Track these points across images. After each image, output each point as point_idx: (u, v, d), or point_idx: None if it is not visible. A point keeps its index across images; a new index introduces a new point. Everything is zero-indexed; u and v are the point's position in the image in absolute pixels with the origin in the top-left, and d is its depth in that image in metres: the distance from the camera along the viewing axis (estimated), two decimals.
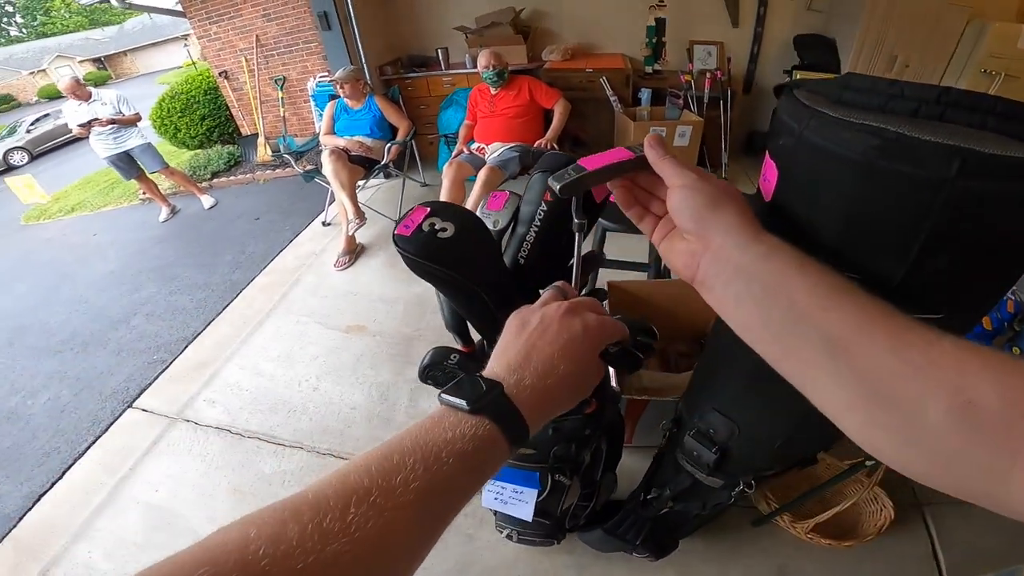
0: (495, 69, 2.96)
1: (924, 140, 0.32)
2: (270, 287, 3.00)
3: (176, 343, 2.67)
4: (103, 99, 3.87)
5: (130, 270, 3.65)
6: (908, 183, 0.34)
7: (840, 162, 0.36)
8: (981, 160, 0.31)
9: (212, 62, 4.82)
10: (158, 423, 2.14)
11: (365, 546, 0.26)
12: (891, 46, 3.18)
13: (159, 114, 5.32)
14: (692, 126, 3.15)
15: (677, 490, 0.87)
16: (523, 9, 3.86)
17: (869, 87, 0.37)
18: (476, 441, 0.33)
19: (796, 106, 0.40)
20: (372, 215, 3.26)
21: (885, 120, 0.34)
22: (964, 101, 0.34)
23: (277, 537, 0.24)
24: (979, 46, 3.04)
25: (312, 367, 2.30)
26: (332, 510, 0.26)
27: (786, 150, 0.42)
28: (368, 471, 0.30)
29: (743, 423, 0.68)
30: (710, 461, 0.73)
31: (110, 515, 1.77)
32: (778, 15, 3.61)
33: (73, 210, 5.56)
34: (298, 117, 4.79)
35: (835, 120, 0.36)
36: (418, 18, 4.24)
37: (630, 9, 3.63)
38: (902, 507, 1.40)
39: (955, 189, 0.32)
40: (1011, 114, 0.32)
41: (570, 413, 0.84)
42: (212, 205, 4.47)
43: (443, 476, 0.31)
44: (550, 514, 0.90)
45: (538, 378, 0.38)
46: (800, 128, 0.39)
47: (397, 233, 0.53)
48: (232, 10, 4.38)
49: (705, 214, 0.37)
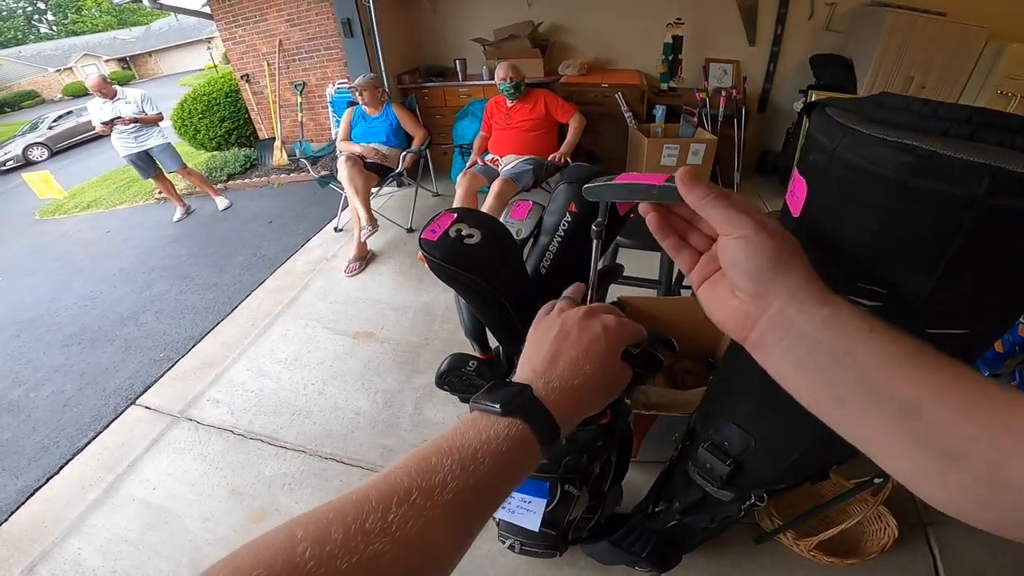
0: (512, 82, 2.99)
1: (956, 158, 0.32)
2: (280, 290, 3.02)
3: (184, 342, 2.69)
4: (127, 98, 3.95)
5: (142, 268, 3.69)
6: (939, 200, 0.34)
7: (873, 179, 0.37)
8: (1010, 178, 0.31)
9: (235, 65, 4.92)
10: (160, 421, 2.14)
11: (406, 545, 0.27)
12: (908, 67, 3.19)
13: (180, 115, 5.42)
14: (706, 144, 3.17)
15: (686, 503, 0.87)
16: (541, 23, 3.91)
17: (903, 106, 0.38)
18: (509, 442, 0.34)
19: (829, 123, 0.41)
20: (384, 223, 3.29)
21: (918, 138, 0.35)
22: (994, 121, 0.34)
23: (322, 538, 0.25)
24: (996, 67, 3.05)
25: (319, 371, 2.30)
26: (374, 511, 0.27)
27: (818, 166, 0.42)
28: (408, 472, 0.31)
29: (760, 436, 0.68)
30: (723, 473, 0.72)
31: (105, 512, 1.76)
32: (795, 35, 3.63)
33: (88, 207, 5.65)
34: (315, 122, 4.87)
35: (869, 137, 0.37)
36: (437, 28, 4.30)
37: (648, 26, 3.67)
38: (906, 526, 1.40)
39: (984, 207, 0.32)
40: None
41: (585, 423, 0.84)
42: (226, 207, 4.53)
43: (479, 476, 0.32)
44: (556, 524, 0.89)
45: (564, 380, 0.39)
46: (833, 145, 0.40)
47: (424, 237, 0.54)
48: (258, 14, 4.48)
49: (767, 276, 0.34)
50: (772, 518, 1.42)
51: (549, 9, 3.93)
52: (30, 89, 22.86)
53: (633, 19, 3.78)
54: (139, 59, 26.40)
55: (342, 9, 3.81)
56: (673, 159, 3.20)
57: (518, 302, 0.57)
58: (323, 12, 4.19)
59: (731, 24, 3.66)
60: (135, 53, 26.14)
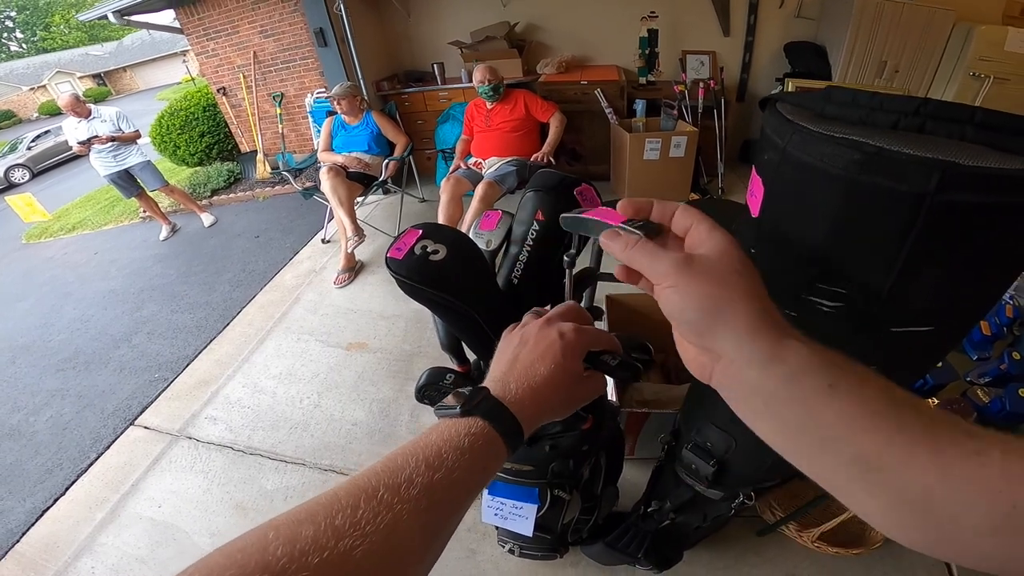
0: (491, 84, 2.98)
1: (904, 153, 0.32)
2: (271, 305, 3.00)
3: (178, 361, 2.68)
4: (102, 116, 3.89)
5: (131, 289, 3.67)
6: (889, 197, 0.34)
7: (823, 177, 0.36)
8: (961, 173, 0.31)
9: (210, 78, 4.87)
10: (160, 440, 2.14)
11: (376, 540, 0.28)
12: (880, 52, 3.22)
13: (158, 131, 5.36)
14: (687, 136, 3.17)
15: (678, 503, 0.87)
16: (517, 23, 3.89)
17: (850, 100, 0.37)
18: (471, 438, 0.36)
19: (780, 121, 0.40)
20: (371, 232, 3.27)
21: (866, 134, 0.34)
22: (944, 112, 0.34)
23: (294, 537, 0.26)
24: (966, 49, 3.07)
25: (313, 384, 2.30)
26: (343, 509, 0.28)
27: (771, 165, 0.42)
28: (375, 473, 0.32)
29: (740, 437, 0.68)
30: (708, 474, 0.72)
31: (114, 531, 1.78)
32: (768, 23, 3.65)
33: (74, 228, 5.60)
34: (296, 133, 4.82)
35: (817, 135, 0.36)
36: (413, 33, 4.28)
37: (622, 21, 3.67)
38: None
39: (936, 202, 0.32)
40: (991, 124, 0.32)
41: (567, 429, 0.84)
42: (212, 223, 4.49)
43: (444, 472, 0.33)
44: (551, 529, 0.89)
45: (520, 381, 0.41)
46: (784, 143, 0.39)
47: (390, 256, 0.53)
48: (229, 27, 4.43)
49: (706, 327, 0.31)
50: (773, 510, 1.42)
51: (524, 9, 3.92)
52: (6, 109, 22.47)
53: (607, 15, 3.78)
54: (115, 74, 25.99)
55: (314, 19, 3.79)
56: (656, 153, 3.20)
57: (489, 315, 0.57)
58: (296, 22, 4.16)
59: (705, 15, 3.68)
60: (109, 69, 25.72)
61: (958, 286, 0.38)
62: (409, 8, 4.09)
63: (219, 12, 4.37)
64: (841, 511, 1.25)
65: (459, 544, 1.52)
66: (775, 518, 1.36)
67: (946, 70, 3.22)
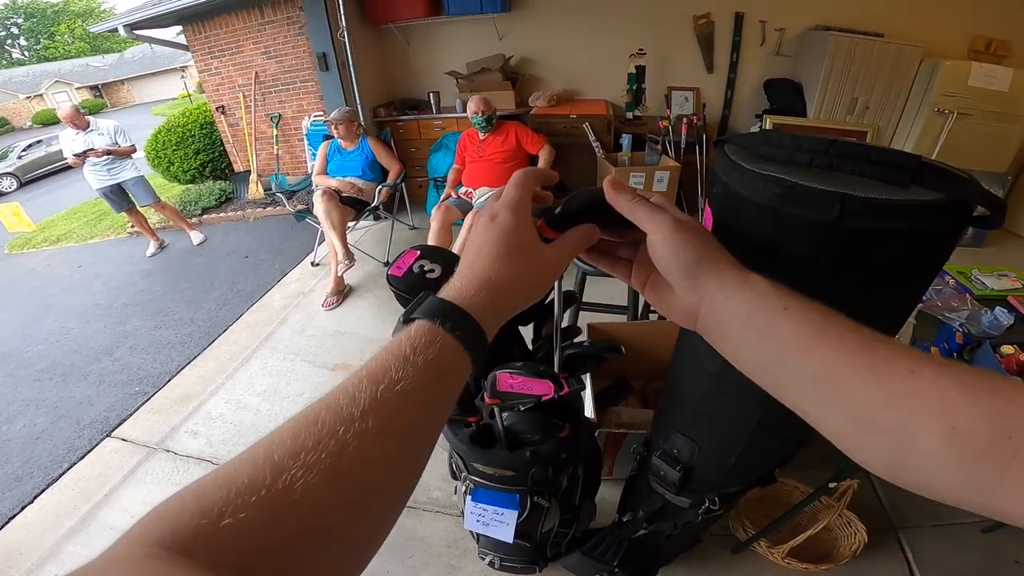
0: (484, 115, 3.08)
1: (813, 187, 0.39)
2: (257, 325, 3.01)
3: (159, 376, 2.66)
4: (100, 129, 3.92)
5: (115, 303, 3.65)
6: (804, 224, 0.41)
7: (754, 207, 0.43)
8: (857, 202, 0.38)
9: (210, 96, 4.95)
10: (137, 452, 2.13)
11: (322, 469, 0.26)
12: (852, 89, 3.35)
13: (154, 146, 5.40)
14: (670, 171, 3.30)
15: (650, 511, 0.92)
16: (512, 56, 4.04)
17: (778, 142, 0.45)
18: (414, 343, 0.33)
19: (724, 159, 0.48)
20: (361, 256, 3.31)
21: (787, 171, 0.42)
22: (846, 151, 0.41)
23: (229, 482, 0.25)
24: (932, 85, 3.18)
25: (297, 403, 2.30)
26: (283, 442, 0.27)
27: (718, 197, 0.49)
28: (320, 400, 0.30)
29: (701, 442, 0.74)
30: (675, 480, 0.78)
31: (82, 539, 1.76)
32: (750, 61, 3.81)
33: (59, 240, 5.55)
34: (291, 155, 4.89)
35: (749, 172, 0.44)
36: (411, 62, 4.39)
37: (612, 56, 3.81)
38: (878, 531, 1.46)
39: (839, 228, 0.39)
40: (883, 161, 0.39)
41: (545, 436, 0.89)
42: (201, 241, 4.49)
43: (387, 382, 0.30)
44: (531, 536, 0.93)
45: (464, 275, 0.38)
46: (726, 179, 0.47)
47: (390, 273, 0.59)
48: (234, 46, 4.53)
49: (694, 270, 0.38)
50: (745, 528, 1.47)
51: (520, 42, 4.07)
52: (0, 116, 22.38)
53: (599, 50, 3.93)
54: (112, 87, 26.01)
55: (318, 43, 3.89)
56: (640, 187, 3.32)
57: None
58: (299, 45, 4.26)
59: (690, 52, 3.85)
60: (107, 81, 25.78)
61: (867, 302, 0.45)
62: (409, 37, 4.23)
63: (225, 31, 4.48)
64: (809, 526, 1.31)
65: (439, 560, 1.53)
66: (747, 535, 1.41)
67: (913, 106, 3.35)
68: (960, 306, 1.54)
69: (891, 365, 0.30)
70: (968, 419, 0.27)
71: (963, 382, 0.28)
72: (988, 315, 1.48)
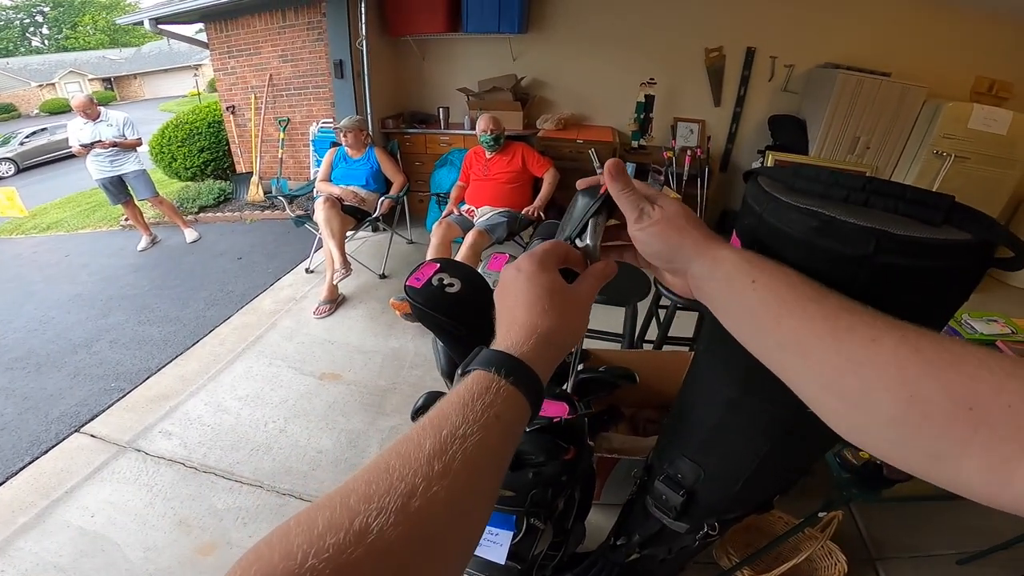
0: (493, 134, 3.09)
1: (849, 223, 0.40)
2: (245, 327, 2.97)
3: (138, 373, 2.60)
4: (109, 120, 3.91)
5: (100, 295, 3.58)
6: (838, 258, 0.41)
7: (789, 239, 0.43)
8: (893, 239, 0.38)
9: (222, 95, 4.98)
10: (105, 450, 2.07)
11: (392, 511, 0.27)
12: (855, 128, 3.38)
13: (159, 141, 5.39)
14: None
15: (645, 535, 0.90)
16: (524, 77, 4.09)
17: (814, 176, 0.45)
18: (470, 391, 0.34)
19: (759, 191, 0.48)
20: (356, 267, 3.29)
21: (823, 205, 0.42)
22: (883, 189, 0.42)
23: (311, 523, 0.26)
24: (933, 126, 3.20)
25: (281, 409, 2.26)
26: (356, 488, 0.28)
27: (750, 228, 0.49)
28: (387, 449, 0.31)
29: (708, 467, 0.73)
30: (677, 504, 0.76)
31: (35, 536, 1.69)
32: (756, 96, 3.87)
33: (49, 228, 5.48)
34: (295, 160, 4.89)
35: (786, 204, 0.44)
36: (425, 76, 4.42)
37: (623, 84, 3.86)
38: (857, 562, 1.47)
39: (873, 264, 0.39)
40: (917, 200, 0.40)
41: (550, 458, 0.87)
42: (195, 239, 4.44)
43: (450, 428, 0.31)
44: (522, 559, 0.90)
45: (507, 327, 0.40)
46: (761, 210, 0.47)
47: (408, 284, 0.58)
48: (252, 47, 4.57)
49: (670, 255, 0.42)
50: (729, 556, 1.47)
51: (533, 64, 4.13)
52: (8, 102, 22.20)
53: (610, 77, 3.99)
54: (123, 80, 26.03)
55: (336, 50, 3.92)
56: None
57: None
58: (316, 51, 4.29)
59: (699, 85, 3.91)
60: (121, 74, 25.83)
61: None
62: (425, 51, 4.28)
63: (247, 31, 4.53)
64: (791, 556, 1.30)
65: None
66: (731, 563, 1.40)
67: (912, 147, 3.38)
68: None
69: (852, 333, 0.32)
70: (927, 389, 0.28)
71: (922, 351, 0.29)
72: None
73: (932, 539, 1.61)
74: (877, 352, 0.30)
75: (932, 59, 3.46)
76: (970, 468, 0.26)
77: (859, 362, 0.31)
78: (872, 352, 0.30)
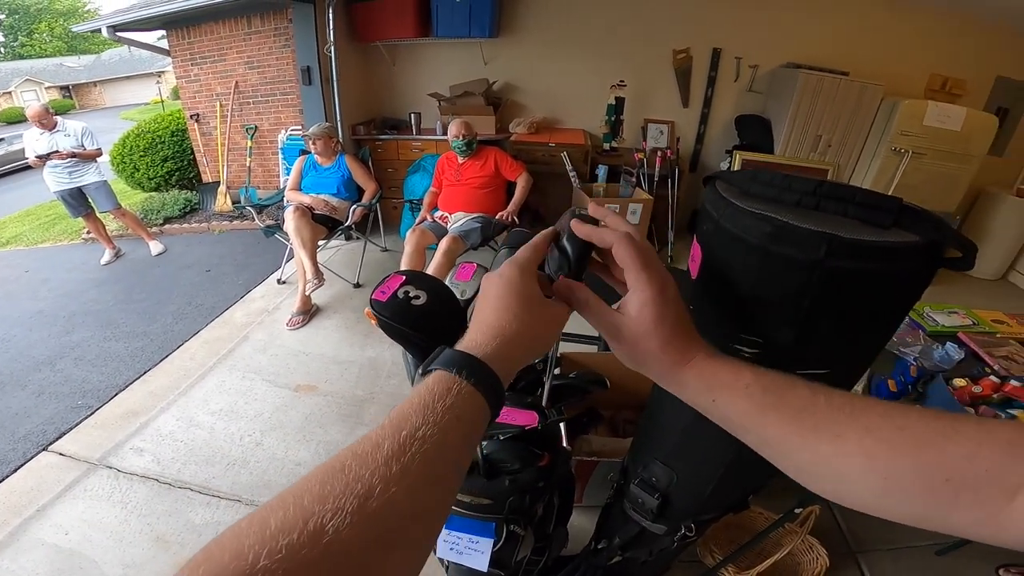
0: (465, 139, 3.07)
1: (802, 227, 0.41)
2: (216, 341, 2.89)
3: (105, 390, 2.52)
4: (67, 130, 3.77)
5: (62, 311, 3.44)
6: (792, 263, 0.42)
7: (745, 245, 0.45)
8: (843, 243, 0.39)
9: (186, 103, 4.82)
10: (75, 468, 2.00)
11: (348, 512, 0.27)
12: (817, 127, 3.49)
13: (120, 151, 5.20)
14: (643, 204, 3.39)
15: (625, 539, 0.91)
16: (495, 81, 4.09)
17: (768, 181, 0.47)
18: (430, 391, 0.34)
19: (716, 196, 0.49)
20: (330, 276, 3.23)
21: (776, 210, 0.43)
22: (833, 192, 0.43)
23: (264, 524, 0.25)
24: (891, 124, 3.31)
25: (256, 423, 2.21)
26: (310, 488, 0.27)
27: (708, 234, 0.50)
28: (346, 448, 0.31)
29: (680, 470, 0.75)
30: (653, 507, 0.78)
31: (10, 555, 1.65)
32: (723, 96, 3.97)
33: (7, 243, 5.25)
34: (264, 169, 4.77)
35: (741, 209, 0.45)
36: (395, 81, 4.38)
37: (594, 87, 3.90)
38: (838, 555, 1.52)
39: (825, 267, 0.41)
40: (867, 203, 0.42)
41: (525, 465, 0.88)
42: (160, 252, 4.30)
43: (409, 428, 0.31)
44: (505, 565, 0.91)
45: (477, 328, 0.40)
46: (718, 216, 0.48)
47: (374, 298, 0.58)
48: (217, 53, 4.45)
49: (636, 367, 0.44)
50: (713, 554, 1.49)
51: (504, 68, 4.12)
52: None
53: (581, 80, 4.02)
54: (82, 88, 24.97)
55: (303, 57, 3.84)
56: None
57: None
58: (283, 57, 4.22)
59: (668, 86, 3.98)
60: (80, 82, 24.81)
61: (845, 337, 0.47)
62: (395, 56, 4.24)
63: (210, 38, 4.41)
64: (774, 552, 1.34)
65: None
66: (715, 561, 1.42)
67: (872, 145, 3.49)
68: (914, 342, 1.61)
69: (817, 432, 0.35)
70: (899, 471, 0.31)
71: (886, 439, 0.32)
72: (940, 350, 1.55)
73: (910, 531, 1.62)
74: (842, 447, 0.33)
75: (888, 58, 3.59)
76: (962, 522, 0.29)
77: (829, 456, 0.34)
78: (838, 447, 0.33)
